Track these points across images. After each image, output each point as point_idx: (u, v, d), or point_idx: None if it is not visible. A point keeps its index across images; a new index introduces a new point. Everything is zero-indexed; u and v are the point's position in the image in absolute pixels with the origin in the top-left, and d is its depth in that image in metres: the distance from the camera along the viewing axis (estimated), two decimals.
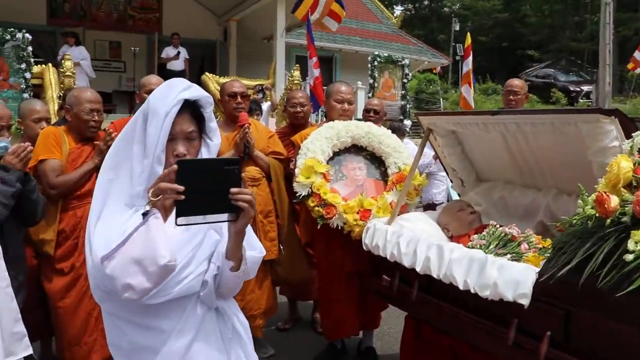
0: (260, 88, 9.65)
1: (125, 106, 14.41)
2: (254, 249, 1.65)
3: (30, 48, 8.53)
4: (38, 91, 9.18)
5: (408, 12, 53.02)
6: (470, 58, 9.86)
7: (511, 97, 4.47)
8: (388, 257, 2.88)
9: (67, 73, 8.85)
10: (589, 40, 31.71)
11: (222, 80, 11.48)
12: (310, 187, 3.32)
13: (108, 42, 15.16)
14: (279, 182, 3.77)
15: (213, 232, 1.62)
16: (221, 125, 3.58)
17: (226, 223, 1.50)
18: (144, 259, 1.39)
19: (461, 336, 2.58)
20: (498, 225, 2.73)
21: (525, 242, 2.53)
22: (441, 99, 25.50)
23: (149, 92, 3.54)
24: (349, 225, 3.23)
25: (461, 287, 2.38)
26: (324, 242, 3.57)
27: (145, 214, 1.42)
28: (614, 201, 1.90)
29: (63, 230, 3.15)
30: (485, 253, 2.43)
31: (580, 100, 21.97)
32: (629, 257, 1.73)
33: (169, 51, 12.99)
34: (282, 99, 9.09)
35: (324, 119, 4.22)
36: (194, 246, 1.55)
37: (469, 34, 10.41)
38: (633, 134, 2.10)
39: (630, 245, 1.75)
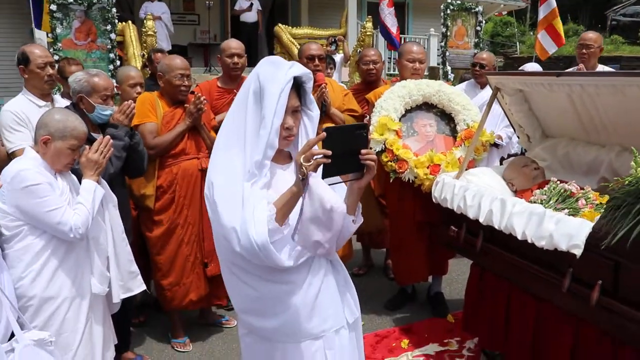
0: (333, 40, 9.77)
1: (200, 59, 14.66)
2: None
3: (114, 10, 8.93)
4: (120, 49, 9.49)
5: None
6: (549, 1, 9.47)
7: (584, 50, 4.50)
8: (455, 210, 3.13)
9: (149, 32, 9.19)
10: None
11: (295, 31, 11.65)
12: (384, 143, 3.58)
13: None
14: None
15: None
16: None
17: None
18: (319, 215, 1.68)
19: (520, 283, 2.81)
20: (559, 182, 2.91)
21: (583, 198, 2.71)
22: (517, 42, 24.62)
23: (231, 55, 3.90)
24: (420, 179, 3.49)
25: (519, 237, 2.60)
26: (396, 194, 3.84)
27: (303, 179, 1.65)
28: None
29: (161, 185, 3.52)
30: (545, 208, 2.63)
31: None
32: None
33: (242, 3, 13.13)
34: (355, 51, 9.20)
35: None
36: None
37: None
38: None
39: None
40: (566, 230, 2.39)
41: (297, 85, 1.82)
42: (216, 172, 1.78)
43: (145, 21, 9.39)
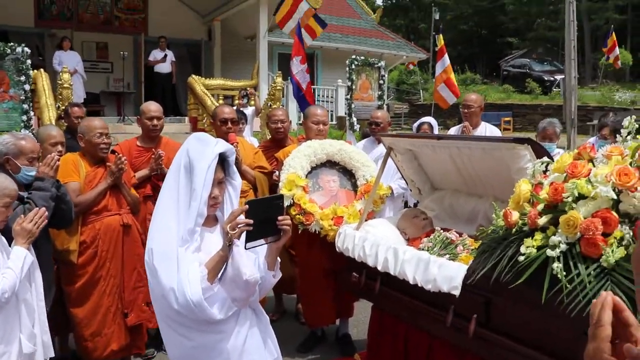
0: (245, 93, 10.15)
1: (113, 107, 14.73)
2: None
3: (29, 61, 8.92)
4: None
5: (390, 2, 53.33)
6: (445, 58, 10.34)
7: (465, 110, 5.10)
8: (356, 258, 3.51)
9: (65, 85, 9.21)
10: (564, 29, 32.48)
11: (208, 82, 11.94)
12: (292, 198, 3.93)
13: (95, 43, 15.39)
14: (264, 193, 4.36)
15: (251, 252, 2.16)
16: None
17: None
18: (237, 280, 2.00)
19: (414, 322, 3.21)
20: (442, 230, 3.36)
21: (461, 244, 3.16)
22: (421, 90, 26.07)
23: (150, 118, 4.16)
24: (325, 230, 3.86)
25: (411, 282, 3.01)
26: (304, 244, 4.17)
27: (229, 245, 1.98)
28: (514, 216, 2.53)
29: (84, 241, 3.69)
30: (430, 254, 3.05)
31: (554, 90, 22.60)
32: (521, 258, 2.35)
33: (156, 54, 13.41)
34: (266, 104, 9.60)
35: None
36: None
37: (441, 36, 10.84)
38: (538, 160, 2.74)
39: (522, 249, 2.38)
40: (447, 274, 2.81)
41: (222, 159, 2.14)
42: (154, 240, 2.06)
43: (60, 73, 9.38)
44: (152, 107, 4.32)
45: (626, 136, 2.46)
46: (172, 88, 14.01)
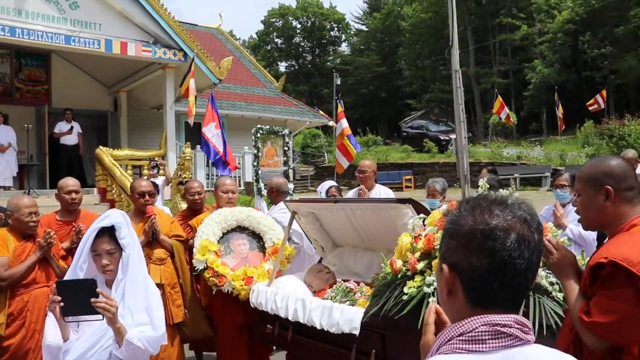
0: (154, 164, 10.41)
1: (16, 179, 14.47)
2: (155, 328, 2.65)
3: None
4: None
5: (293, 68, 55.26)
6: (342, 123, 11.11)
7: (360, 175, 5.72)
8: (269, 311, 3.90)
9: None
10: None
11: (116, 152, 12.07)
12: (206, 263, 4.28)
13: None
14: (181, 259, 4.67)
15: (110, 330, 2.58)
16: (132, 216, 4.48)
17: None
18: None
19: None
20: (343, 281, 3.84)
21: (359, 292, 3.64)
22: (325, 152, 27.11)
23: (69, 192, 4.47)
24: (237, 289, 4.22)
25: (318, 327, 3.43)
26: (219, 303, 4.50)
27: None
28: (398, 263, 3.07)
29: (12, 313, 3.87)
30: (333, 302, 3.51)
31: (450, 148, 24.27)
32: (404, 297, 2.87)
33: (62, 126, 13.39)
34: (176, 173, 9.89)
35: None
36: (95, 337, 2.55)
37: (340, 103, 11.64)
38: (417, 216, 3.30)
39: (405, 289, 2.89)
40: (347, 317, 3.26)
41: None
42: None
43: None
44: (70, 182, 4.57)
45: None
46: (79, 159, 13.96)
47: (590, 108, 24.08)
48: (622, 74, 31.70)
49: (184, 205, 8.61)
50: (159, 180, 9.82)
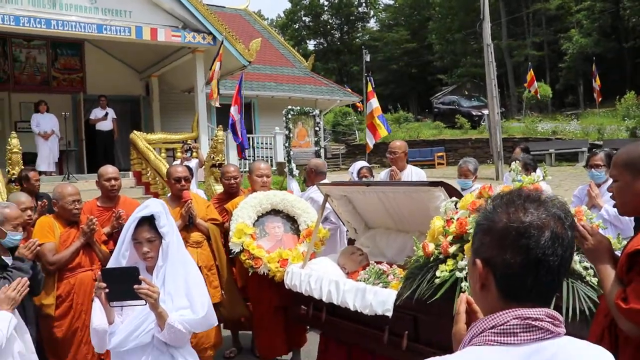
0: (187, 147, 10.57)
1: (56, 165, 14.86)
2: (195, 312, 2.75)
3: None
4: None
5: (322, 46, 54.90)
6: (373, 101, 10.98)
7: (391, 156, 5.74)
8: (303, 292, 3.99)
9: (14, 150, 9.35)
10: None
11: (150, 136, 12.29)
12: (242, 245, 4.39)
13: (33, 103, 15.53)
14: (217, 242, 4.80)
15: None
16: (169, 201, 4.62)
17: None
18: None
19: (357, 343, 3.70)
20: (376, 263, 3.90)
21: (391, 274, 3.70)
22: (357, 130, 27.02)
23: (108, 179, 4.57)
24: (272, 271, 4.33)
25: (352, 309, 3.51)
26: (255, 285, 4.63)
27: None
28: (431, 247, 3.10)
29: (60, 295, 4.10)
30: (366, 284, 3.58)
31: (482, 124, 23.86)
32: (437, 280, 2.91)
33: (97, 112, 13.67)
34: (209, 156, 10.03)
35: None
36: (138, 320, 2.67)
37: (370, 81, 11.53)
38: (451, 199, 3.33)
39: (437, 273, 2.93)
40: (380, 299, 3.33)
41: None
42: None
43: (9, 139, 9.55)
44: (110, 170, 4.74)
45: (515, 177, 3.09)
46: (114, 144, 14.25)
47: None
48: None
49: (217, 188, 8.79)
50: (192, 163, 9.97)
